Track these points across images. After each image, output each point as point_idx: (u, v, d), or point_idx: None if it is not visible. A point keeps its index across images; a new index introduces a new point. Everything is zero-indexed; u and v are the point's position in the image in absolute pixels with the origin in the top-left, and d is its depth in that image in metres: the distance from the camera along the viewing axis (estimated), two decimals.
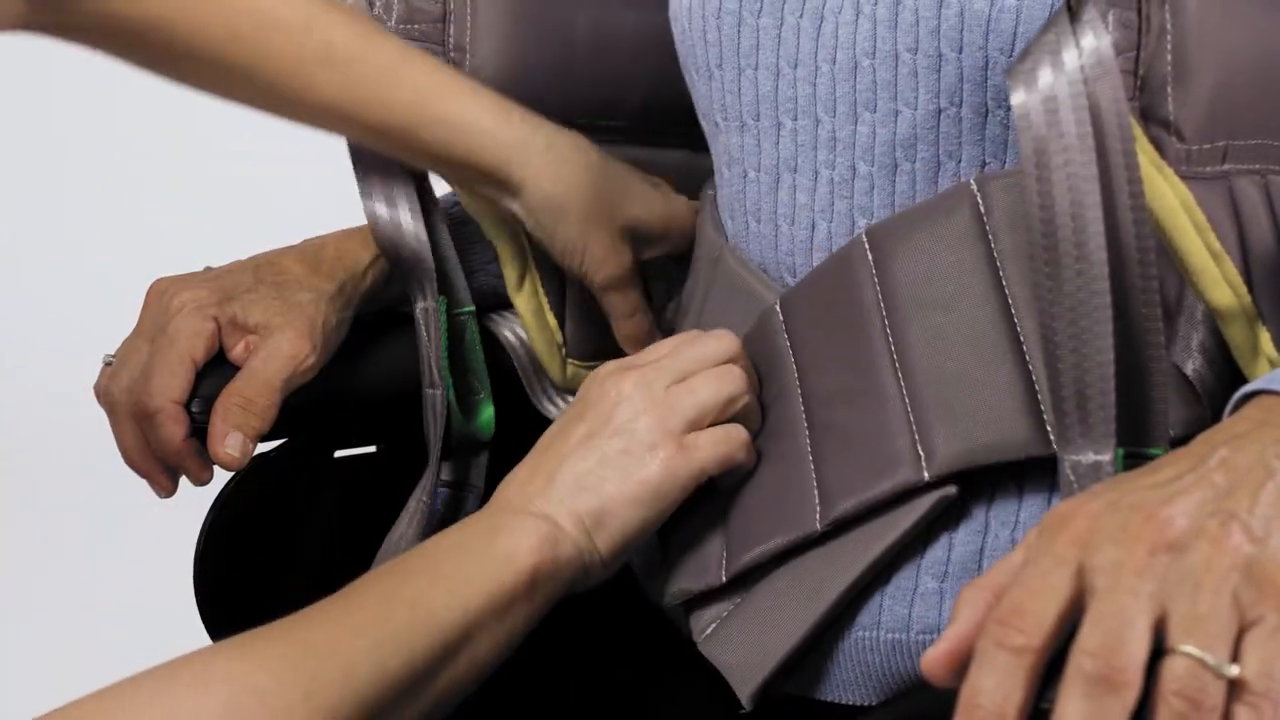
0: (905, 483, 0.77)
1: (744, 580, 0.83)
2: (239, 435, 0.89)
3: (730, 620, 0.82)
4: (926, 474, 0.77)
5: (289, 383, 0.91)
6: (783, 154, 0.86)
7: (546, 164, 0.92)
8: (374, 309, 1.01)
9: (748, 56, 0.86)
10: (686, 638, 0.85)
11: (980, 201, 0.79)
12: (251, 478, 1.02)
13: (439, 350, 0.96)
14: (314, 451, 1.04)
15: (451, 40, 0.96)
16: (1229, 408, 0.65)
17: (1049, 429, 0.75)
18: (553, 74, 0.98)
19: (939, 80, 0.80)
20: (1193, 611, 0.54)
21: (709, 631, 0.83)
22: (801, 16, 0.84)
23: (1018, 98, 0.67)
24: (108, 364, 0.93)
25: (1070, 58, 0.67)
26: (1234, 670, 0.52)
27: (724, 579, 0.82)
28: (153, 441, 0.90)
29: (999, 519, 0.79)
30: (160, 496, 0.94)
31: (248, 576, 1.02)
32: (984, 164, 0.81)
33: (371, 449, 1.06)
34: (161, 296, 0.92)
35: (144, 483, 0.95)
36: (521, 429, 0.99)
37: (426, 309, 0.96)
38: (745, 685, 0.81)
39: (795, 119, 0.85)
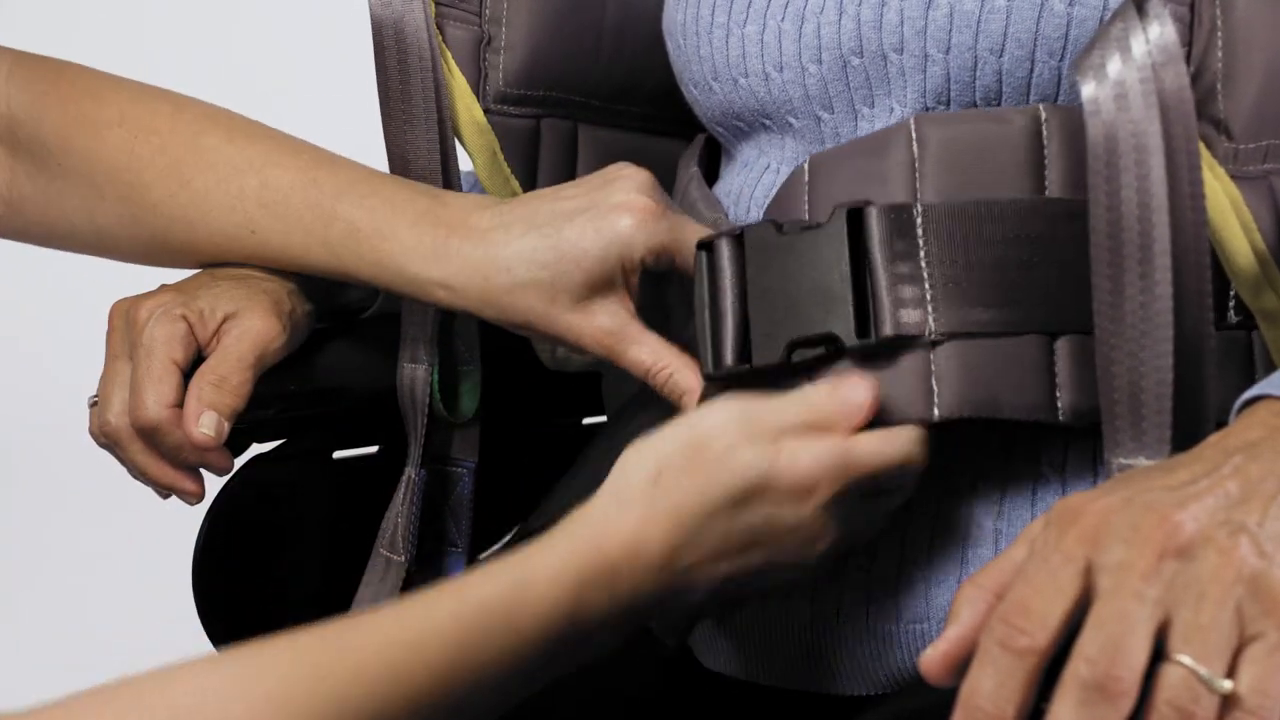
0: (916, 419, 0.75)
1: None
2: (213, 414, 0.88)
3: None
4: (937, 412, 0.74)
5: (261, 360, 0.90)
6: (795, 150, 0.87)
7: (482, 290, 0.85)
8: (331, 313, 1.00)
9: (737, 66, 0.87)
10: None
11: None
12: (250, 478, 1.01)
13: (433, 321, 0.94)
14: (313, 451, 1.04)
15: (488, 11, 0.96)
16: (1235, 409, 0.64)
17: (1057, 396, 0.74)
18: (579, 53, 0.98)
19: (925, 80, 0.80)
20: (1195, 621, 0.54)
21: None
22: (783, 20, 0.84)
23: (1088, 90, 0.67)
24: (93, 404, 0.93)
25: (1139, 46, 0.67)
26: (1227, 685, 0.52)
27: None
28: (165, 452, 0.90)
29: (982, 508, 0.79)
30: (191, 503, 0.94)
31: (246, 577, 1.02)
32: None
33: (372, 449, 1.05)
34: (125, 314, 0.92)
35: (140, 484, 0.94)
36: (511, 401, 0.98)
37: None
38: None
39: (797, 118, 0.86)
